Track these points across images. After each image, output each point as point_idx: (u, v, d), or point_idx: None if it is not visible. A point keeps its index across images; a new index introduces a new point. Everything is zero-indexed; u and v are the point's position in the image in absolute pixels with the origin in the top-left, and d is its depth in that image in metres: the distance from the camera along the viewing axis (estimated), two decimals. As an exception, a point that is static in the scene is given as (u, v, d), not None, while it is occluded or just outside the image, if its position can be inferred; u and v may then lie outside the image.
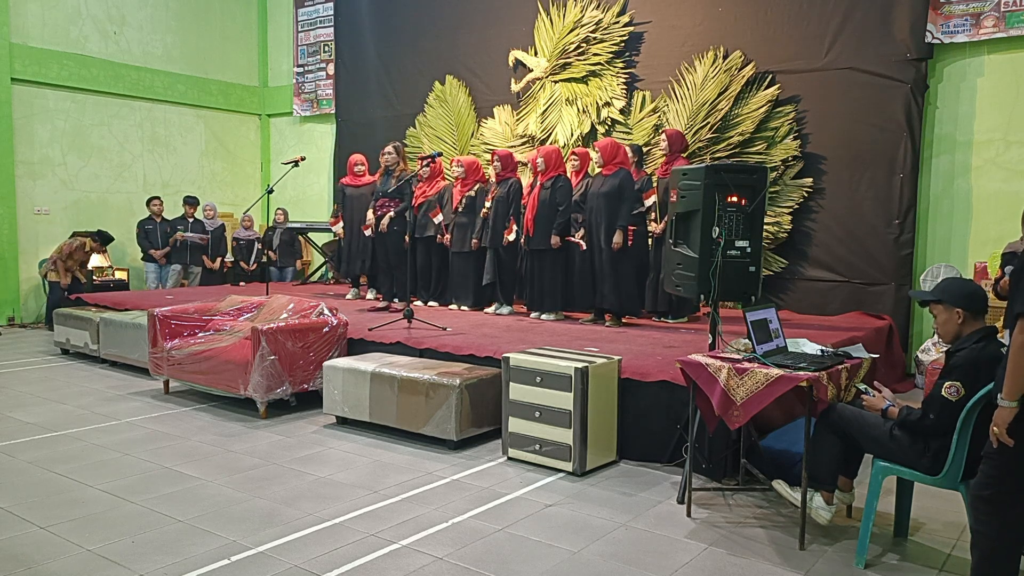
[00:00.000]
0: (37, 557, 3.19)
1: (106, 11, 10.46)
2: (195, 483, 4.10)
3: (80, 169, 10.30)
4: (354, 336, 5.94)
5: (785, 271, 7.44)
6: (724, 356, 3.57)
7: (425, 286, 8.05)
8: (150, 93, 10.93)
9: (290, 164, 7.71)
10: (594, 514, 3.71)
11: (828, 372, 3.28)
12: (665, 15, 8.10)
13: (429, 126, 9.95)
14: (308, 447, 4.77)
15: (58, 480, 4.13)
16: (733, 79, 7.61)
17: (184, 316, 6.19)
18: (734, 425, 3.47)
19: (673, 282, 4.45)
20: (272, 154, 12.39)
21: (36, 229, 9.83)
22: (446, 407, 4.65)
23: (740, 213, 4.07)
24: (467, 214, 7.58)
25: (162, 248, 9.94)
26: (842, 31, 7.11)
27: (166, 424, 5.27)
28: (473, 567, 3.14)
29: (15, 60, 9.49)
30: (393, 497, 3.92)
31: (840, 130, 7.15)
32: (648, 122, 8.18)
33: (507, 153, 7.56)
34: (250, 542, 3.35)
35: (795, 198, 7.33)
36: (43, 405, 5.74)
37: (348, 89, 11.00)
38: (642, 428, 4.51)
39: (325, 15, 11.35)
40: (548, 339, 5.69)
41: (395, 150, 7.48)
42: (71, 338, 7.56)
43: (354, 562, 3.17)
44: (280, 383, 5.38)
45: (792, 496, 3.42)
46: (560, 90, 8.76)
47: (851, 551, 3.30)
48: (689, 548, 3.34)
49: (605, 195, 6.46)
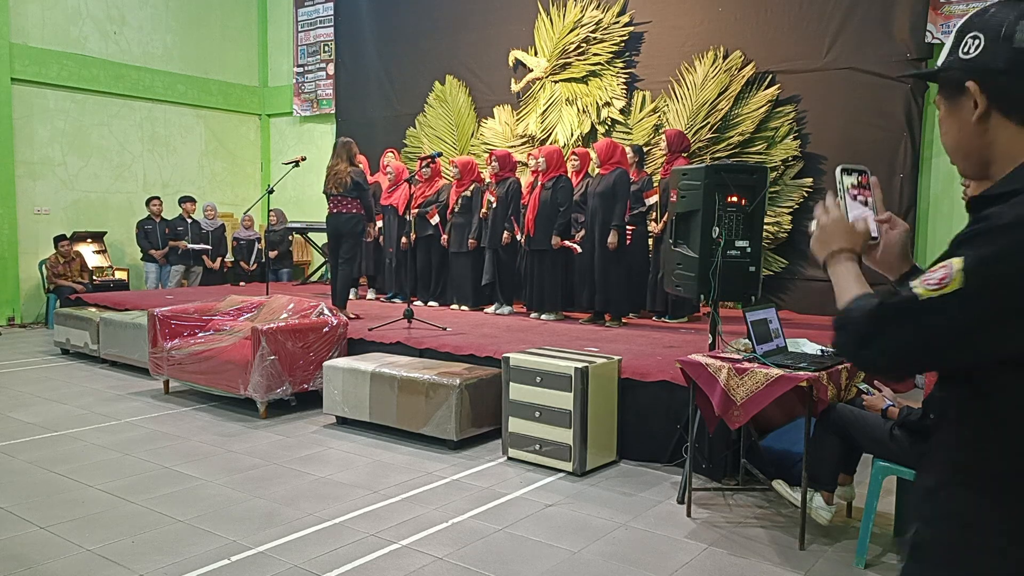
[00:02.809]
0: (37, 557, 3.19)
1: (106, 11, 10.46)
2: (195, 483, 4.10)
3: (80, 169, 10.30)
4: (354, 336, 5.94)
5: (785, 271, 7.44)
6: (724, 356, 3.57)
7: (425, 286, 8.06)
8: (150, 93, 10.92)
9: (290, 164, 7.71)
10: (594, 514, 3.71)
11: (828, 372, 3.28)
12: (665, 15, 8.10)
13: (429, 126, 9.95)
14: (308, 447, 4.77)
15: (58, 480, 4.13)
16: (733, 79, 7.61)
17: (184, 316, 6.19)
18: (734, 425, 3.47)
19: (673, 282, 4.45)
20: (272, 154, 12.39)
21: (36, 229, 9.82)
22: (446, 407, 4.65)
23: (740, 213, 4.07)
24: (464, 214, 7.59)
25: (162, 248, 9.95)
26: (842, 31, 7.11)
27: (166, 424, 5.27)
28: (473, 567, 3.14)
29: (15, 60, 9.49)
30: (393, 497, 3.92)
31: (840, 130, 7.15)
32: (648, 122, 8.18)
33: (505, 153, 7.56)
34: (250, 542, 3.35)
35: (795, 198, 7.33)
36: (43, 405, 5.74)
37: (348, 89, 11.00)
38: (642, 428, 4.51)
39: (325, 15, 11.35)
40: (548, 339, 5.69)
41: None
42: (71, 338, 7.56)
43: (354, 562, 3.17)
44: (280, 383, 5.38)
45: (792, 496, 3.42)
46: (560, 90, 8.76)
47: (851, 551, 3.30)
48: (689, 548, 3.34)
49: (600, 195, 6.48)
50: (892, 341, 1.07)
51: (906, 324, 1.06)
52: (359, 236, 6.81)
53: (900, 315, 1.07)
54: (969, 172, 1.21)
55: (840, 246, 1.33)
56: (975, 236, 1.04)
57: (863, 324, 1.10)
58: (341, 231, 6.66)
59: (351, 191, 6.56)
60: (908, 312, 1.06)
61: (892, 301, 1.08)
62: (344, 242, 6.68)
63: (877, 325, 1.09)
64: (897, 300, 1.07)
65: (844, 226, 1.34)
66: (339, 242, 6.71)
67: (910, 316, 1.05)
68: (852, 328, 1.12)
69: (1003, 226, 1.02)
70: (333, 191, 6.60)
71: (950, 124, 1.20)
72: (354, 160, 6.67)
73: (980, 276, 1.01)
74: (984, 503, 1.06)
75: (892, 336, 1.07)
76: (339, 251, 6.72)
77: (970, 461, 1.09)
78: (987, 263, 1.01)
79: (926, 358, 1.10)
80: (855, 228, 1.34)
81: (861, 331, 1.10)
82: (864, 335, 1.10)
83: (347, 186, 6.53)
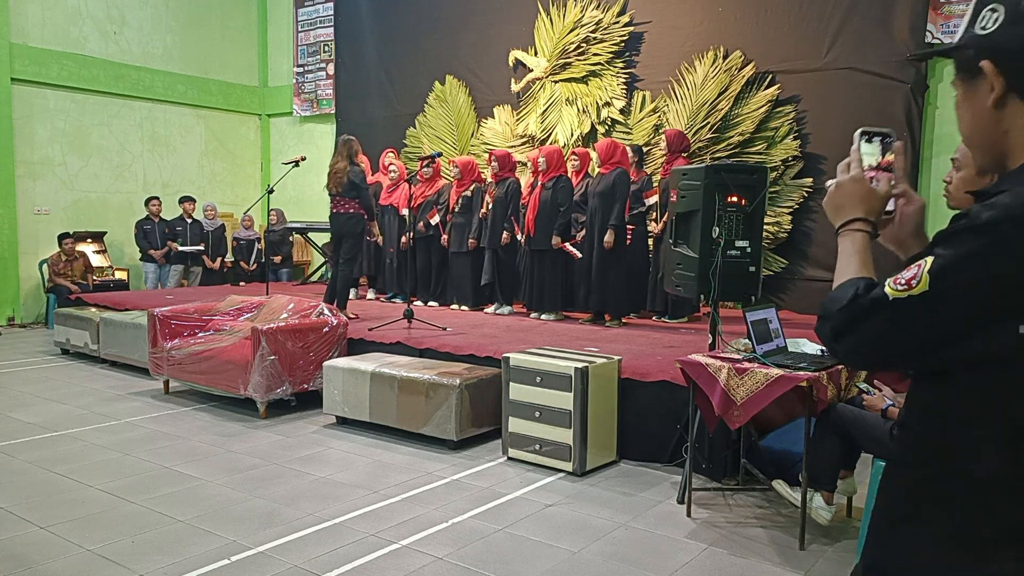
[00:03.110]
0: (37, 557, 3.19)
1: (106, 11, 10.46)
2: (195, 483, 4.10)
3: (80, 169, 10.30)
4: (354, 336, 5.94)
5: (785, 271, 7.44)
6: (724, 356, 3.56)
7: (425, 286, 8.06)
8: (150, 93, 10.92)
9: (290, 164, 7.72)
10: (594, 514, 3.71)
11: (828, 372, 3.28)
12: (665, 15, 8.10)
13: (429, 126, 9.95)
14: (308, 447, 4.77)
15: (58, 480, 4.13)
16: (733, 79, 7.61)
17: (184, 316, 6.19)
18: (734, 425, 3.47)
19: (673, 282, 4.45)
20: (272, 154, 12.39)
21: (36, 229, 9.82)
22: (446, 407, 4.65)
23: (740, 213, 4.07)
24: (464, 214, 7.59)
25: (160, 248, 9.95)
26: (842, 31, 7.11)
27: (166, 424, 5.27)
28: (473, 567, 3.14)
29: (15, 60, 9.49)
30: (393, 497, 3.92)
31: (840, 130, 7.14)
32: (648, 122, 8.18)
33: (505, 153, 7.56)
34: (250, 542, 3.35)
35: (795, 198, 7.33)
36: (43, 405, 5.74)
37: (348, 89, 11.00)
38: (642, 428, 4.51)
39: (325, 15, 11.35)
40: (548, 339, 5.69)
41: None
42: (71, 338, 7.56)
43: (354, 562, 3.17)
44: (280, 383, 5.38)
45: (792, 496, 3.42)
46: (560, 90, 8.76)
47: (851, 551, 3.30)
48: (689, 548, 3.34)
49: (599, 195, 6.48)
50: (860, 339, 1.05)
51: (873, 323, 1.04)
52: (359, 236, 6.81)
53: (868, 313, 1.04)
54: (986, 165, 1.12)
55: (854, 213, 1.23)
56: (950, 235, 1.00)
57: (837, 317, 1.08)
58: (341, 231, 6.66)
59: (349, 191, 6.54)
60: (876, 311, 1.03)
61: (864, 298, 1.05)
62: (344, 242, 6.68)
63: (848, 321, 1.06)
64: (869, 297, 1.05)
65: (863, 188, 1.23)
66: (340, 242, 6.72)
67: (877, 315, 1.03)
68: (829, 320, 1.10)
69: (976, 227, 0.97)
70: (333, 190, 6.60)
71: (965, 109, 1.09)
72: (354, 159, 6.63)
73: (945, 280, 0.97)
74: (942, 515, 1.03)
75: (860, 334, 1.05)
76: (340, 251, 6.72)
77: (928, 465, 1.06)
78: (953, 267, 0.97)
79: (893, 358, 1.07)
80: (874, 191, 1.23)
81: (835, 324, 1.08)
82: (836, 329, 1.08)
83: (345, 185, 6.52)
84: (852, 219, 1.23)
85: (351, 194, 6.55)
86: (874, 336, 1.04)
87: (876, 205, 1.23)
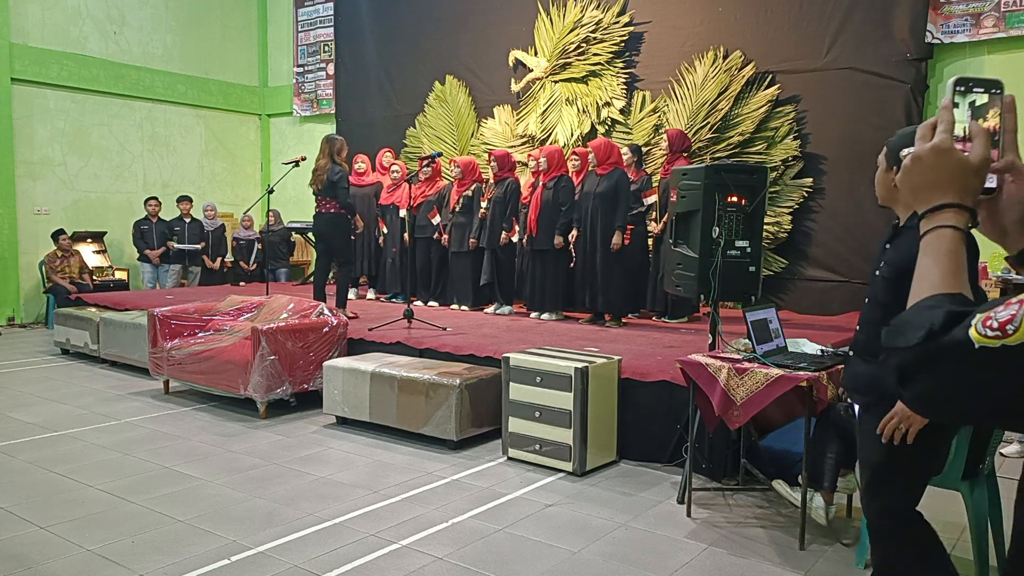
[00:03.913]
0: (37, 557, 3.19)
1: (106, 11, 10.46)
2: (195, 483, 4.10)
3: (80, 169, 10.30)
4: (354, 336, 5.94)
5: (785, 271, 7.43)
6: (724, 356, 3.57)
7: (425, 286, 8.06)
8: (150, 93, 10.92)
9: (290, 164, 7.71)
10: (594, 514, 3.71)
11: (828, 372, 3.28)
12: (665, 15, 8.10)
13: (429, 126, 9.95)
14: (308, 447, 4.77)
15: (58, 480, 4.13)
16: (733, 79, 7.61)
17: (184, 316, 6.19)
18: (734, 425, 3.47)
19: (673, 282, 4.45)
20: (272, 154, 12.39)
21: (36, 229, 9.82)
22: (446, 407, 4.65)
23: (740, 213, 4.07)
24: (465, 214, 7.59)
25: (157, 248, 9.95)
26: (842, 31, 7.11)
27: (166, 424, 5.27)
28: (473, 567, 3.14)
29: (15, 60, 9.49)
30: (393, 497, 3.92)
31: (840, 130, 7.15)
32: (648, 122, 8.18)
33: (504, 153, 7.56)
34: (250, 542, 3.35)
35: (795, 198, 7.33)
36: (43, 405, 5.74)
37: (348, 89, 11.00)
38: (642, 428, 4.51)
39: (325, 15, 11.35)
40: (548, 339, 5.69)
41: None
42: (71, 338, 7.56)
43: (354, 562, 3.17)
44: (280, 383, 5.38)
45: (792, 496, 3.42)
46: (560, 90, 8.76)
47: (851, 551, 3.30)
48: (689, 548, 3.34)
49: (600, 196, 6.47)
50: (932, 390, 0.84)
51: (950, 372, 0.81)
52: (345, 236, 6.80)
53: (946, 360, 0.81)
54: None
55: (943, 197, 0.92)
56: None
57: (906, 356, 0.85)
58: (322, 230, 6.70)
59: (327, 190, 6.53)
60: (955, 359, 0.80)
61: (941, 339, 0.81)
62: (326, 242, 6.69)
63: (919, 363, 0.84)
64: (948, 340, 0.81)
65: (951, 161, 0.91)
66: (324, 242, 6.72)
67: (958, 364, 0.80)
68: (897, 356, 0.87)
69: None
70: (316, 189, 6.62)
71: None
72: (336, 157, 6.58)
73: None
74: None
75: (932, 383, 0.83)
76: (323, 249, 6.73)
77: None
78: None
79: (972, 416, 0.87)
80: (968, 163, 0.91)
81: (901, 364, 0.86)
82: (904, 370, 0.86)
83: (325, 184, 6.52)
84: (940, 205, 0.93)
85: (331, 193, 6.55)
86: (950, 390, 0.83)
87: (972, 183, 0.92)
